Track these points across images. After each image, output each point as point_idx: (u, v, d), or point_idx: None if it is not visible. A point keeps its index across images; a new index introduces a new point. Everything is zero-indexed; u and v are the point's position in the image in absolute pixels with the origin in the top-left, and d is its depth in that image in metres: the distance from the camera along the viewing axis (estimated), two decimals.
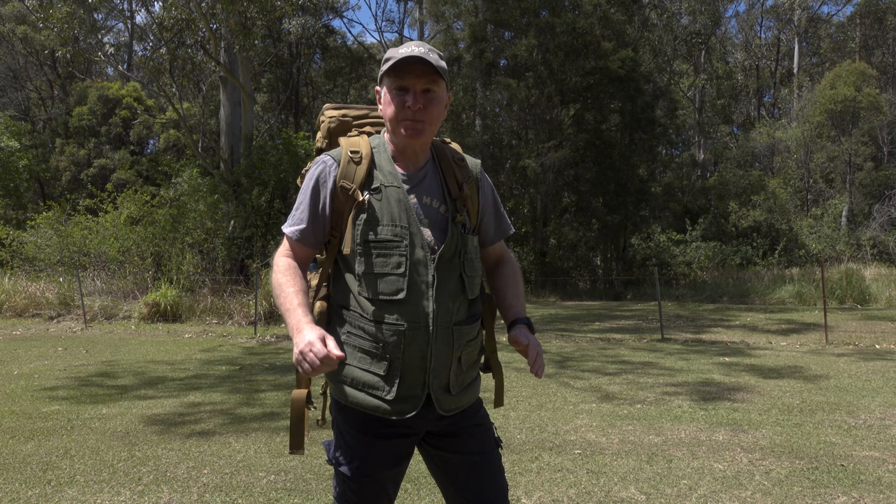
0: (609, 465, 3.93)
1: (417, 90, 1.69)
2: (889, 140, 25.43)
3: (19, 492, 3.53)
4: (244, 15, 12.97)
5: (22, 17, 26.81)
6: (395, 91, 1.70)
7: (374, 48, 32.42)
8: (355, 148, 1.76)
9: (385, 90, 1.74)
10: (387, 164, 1.75)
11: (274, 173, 14.04)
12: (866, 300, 14.81)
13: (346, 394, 1.73)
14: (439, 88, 1.72)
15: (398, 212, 1.68)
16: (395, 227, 1.67)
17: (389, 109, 1.72)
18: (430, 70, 1.68)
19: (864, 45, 32.81)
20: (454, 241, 1.71)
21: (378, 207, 1.69)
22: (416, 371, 1.67)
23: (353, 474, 1.72)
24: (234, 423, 5.00)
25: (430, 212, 1.72)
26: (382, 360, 1.67)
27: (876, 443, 4.35)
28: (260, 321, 11.26)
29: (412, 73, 1.68)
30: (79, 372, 7.15)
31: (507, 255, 1.97)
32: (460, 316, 1.72)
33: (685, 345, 9.25)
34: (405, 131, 1.70)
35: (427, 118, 1.70)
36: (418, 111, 1.68)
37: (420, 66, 1.67)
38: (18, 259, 15.00)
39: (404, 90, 1.69)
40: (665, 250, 21.47)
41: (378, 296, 1.66)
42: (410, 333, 1.65)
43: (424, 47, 1.69)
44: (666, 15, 27.19)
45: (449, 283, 1.69)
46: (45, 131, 28.06)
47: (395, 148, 1.77)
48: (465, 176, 1.81)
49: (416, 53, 1.66)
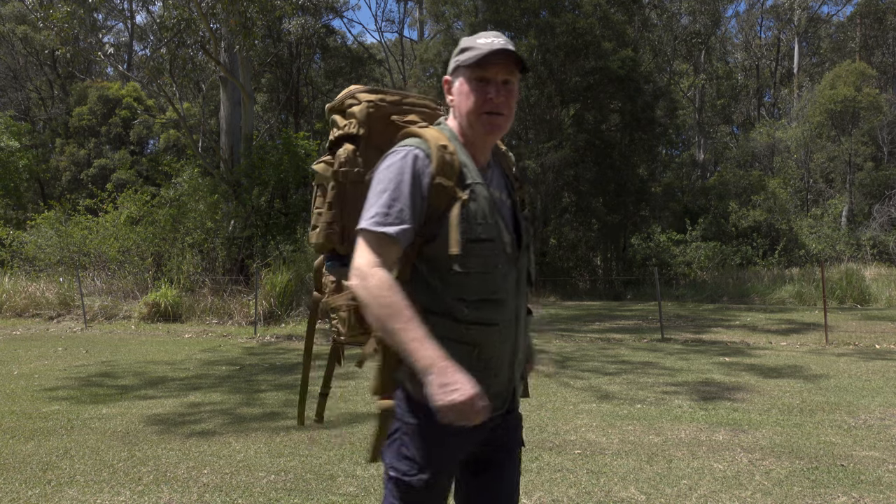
0: (609, 465, 3.93)
1: (499, 81, 1.63)
2: (889, 140, 25.42)
3: (19, 492, 3.53)
4: (244, 15, 12.96)
5: (22, 17, 26.79)
6: (475, 82, 1.63)
7: (374, 48, 32.43)
8: (443, 142, 1.64)
9: (461, 81, 1.66)
10: (468, 159, 1.67)
11: (274, 173, 14.04)
12: (866, 300, 14.80)
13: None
14: (517, 80, 1.67)
15: (488, 209, 1.63)
16: (487, 224, 1.61)
17: (468, 101, 1.64)
18: (514, 60, 1.62)
19: (864, 45, 32.79)
20: (527, 234, 1.71)
21: (473, 205, 1.61)
22: (506, 367, 1.66)
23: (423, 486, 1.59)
24: (234, 423, 5.00)
25: (503, 207, 1.69)
26: (479, 361, 1.60)
27: (876, 443, 4.35)
28: (260, 321, 11.26)
29: (496, 65, 1.62)
30: (79, 372, 7.15)
31: None
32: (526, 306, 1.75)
33: (685, 345, 9.25)
34: (485, 126, 1.64)
35: (507, 111, 1.65)
36: (500, 104, 1.62)
37: (503, 57, 1.61)
38: (18, 259, 14.99)
39: (485, 81, 1.63)
40: (665, 250, 21.46)
41: (474, 297, 1.60)
42: (505, 331, 1.63)
43: (502, 38, 1.64)
44: (666, 15, 27.18)
45: (522, 277, 1.70)
46: (45, 131, 28.05)
47: (466, 141, 1.70)
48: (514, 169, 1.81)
49: (500, 46, 1.60)
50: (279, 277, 12.01)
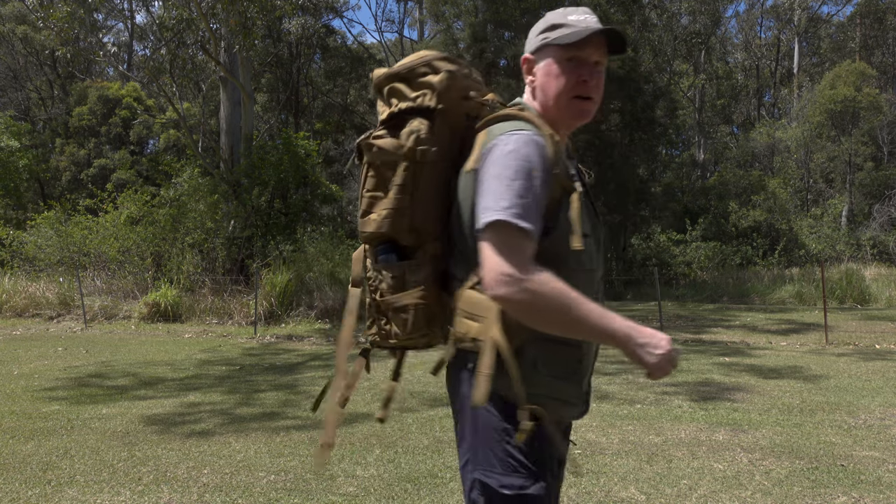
0: (609, 465, 3.93)
1: (591, 62, 1.49)
2: (889, 140, 25.42)
3: (19, 492, 3.53)
4: (244, 15, 12.96)
5: (22, 17, 26.79)
6: (566, 63, 1.48)
7: (375, 48, 32.42)
8: (549, 130, 1.46)
9: (550, 61, 1.50)
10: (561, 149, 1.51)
11: (274, 173, 14.04)
12: (866, 300, 14.80)
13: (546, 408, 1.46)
14: (605, 63, 1.53)
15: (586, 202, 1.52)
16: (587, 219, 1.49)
17: (557, 83, 1.48)
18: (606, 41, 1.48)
19: (864, 45, 32.79)
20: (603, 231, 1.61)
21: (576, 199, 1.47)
22: (590, 370, 1.58)
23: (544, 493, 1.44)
24: (234, 423, 5.01)
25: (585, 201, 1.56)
26: (579, 364, 1.51)
27: (876, 443, 4.35)
28: (260, 321, 11.26)
29: (591, 44, 1.47)
30: (79, 372, 7.15)
31: None
32: None
33: (685, 345, 9.25)
34: (575, 110, 1.50)
35: (598, 95, 1.51)
36: (593, 87, 1.49)
37: (598, 37, 1.47)
38: (18, 259, 14.98)
39: (578, 62, 1.48)
40: (665, 250, 21.47)
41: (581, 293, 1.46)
42: None
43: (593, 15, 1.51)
44: (666, 15, 27.16)
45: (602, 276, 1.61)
46: (45, 131, 28.04)
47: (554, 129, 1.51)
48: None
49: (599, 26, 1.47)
50: (279, 277, 12.01)
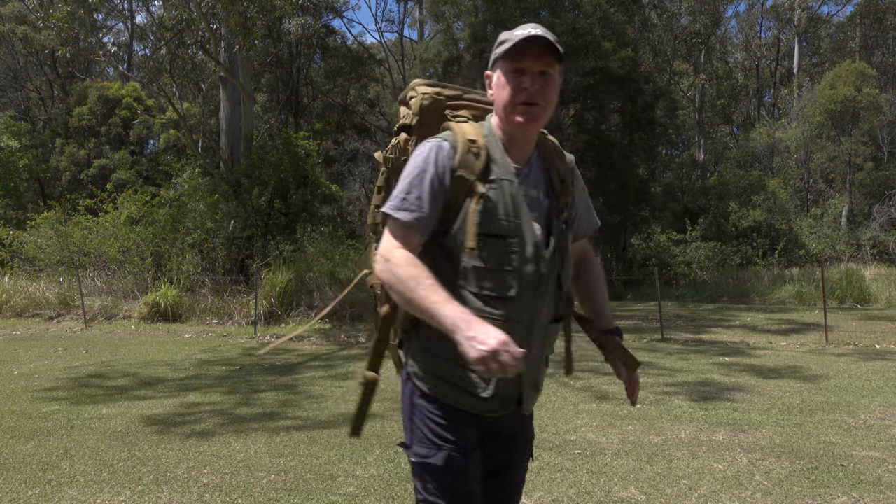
0: (609, 465, 3.93)
1: (535, 72, 1.61)
2: (889, 140, 25.41)
3: (19, 492, 3.53)
4: (244, 15, 12.95)
5: (22, 17, 26.78)
6: (510, 74, 1.62)
7: (375, 48, 32.42)
8: (472, 136, 1.66)
9: (498, 74, 1.66)
10: (500, 154, 1.66)
11: (274, 173, 14.04)
12: (866, 300, 14.80)
13: (439, 389, 1.66)
14: (556, 72, 1.64)
15: (512, 206, 1.62)
16: (510, 221, 1.61)
17: (504, 93, 1.63)
18: (549, 51, 1.60)
19: (864, 45, 32.79)
20: (557, 236, 1.67)
21: (494, 201, 1.61)
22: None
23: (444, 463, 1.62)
24: (233, 423, 5.00)
25: (537, 206, 1.66)
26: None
27: (876, 443, 4.35)
28: (260, 321, 11.26)
29: (530, 55, 1.60)
30: (79, 372, 7.15)
31: (590, 252, 1.91)
32: (553, 314, 1.71)
33: (685, 345, 9.25)
34: (521, 117, 1.62)
35: (544, 101, 1.62)
36: (535, 93, 1.60)
37: (538, 48, 1.59)
38: (18, 259, 14.98)
39: (520, 72, 1.61)
40: (665, 250, 21.47)
41: (485, 291, 1.60)
42: (513, 331, 1.57)
43: (541, 29, 1.61)
44: (666, 15, 27.17)
45: (550, 281, 1.65)
46: (45, 131, 28.03)
47: (505, 136, 1.69)
48: (565, 169, 1.75)
49: (535, 33, 1.58)
50: (279, 277, 12.01)
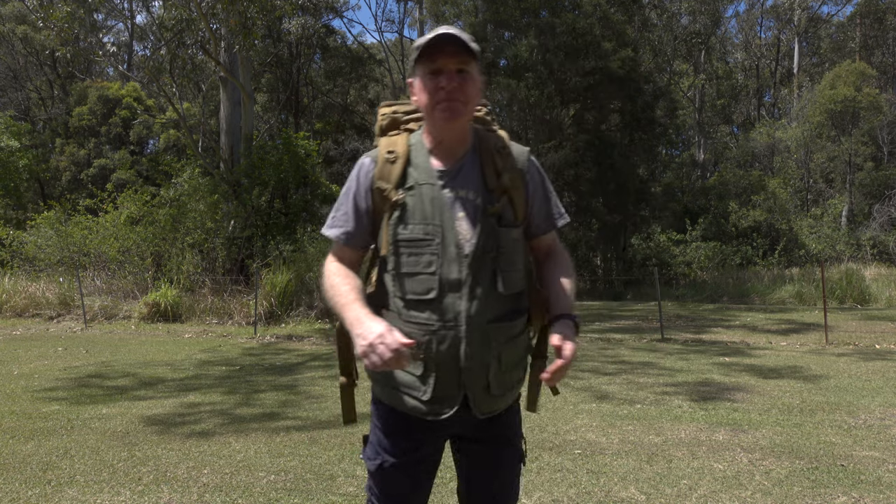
0: (609, 465, 3.93)
1: (451, 70, 1.62)
2: (889, 140, 25.42)
3: (19, 492, 3.53)
4: (244, 15, 12.95)
5: (22, 17, 26.79)
6: (428, 76, 1.64)
7: (374, 48, 32.43)
8: (391, 147, 1.73)
9: (417, 79, 1.68)
10: (423, 160, 1.70)
11: (274, 173, 14.04)
12: (866, 300, 14.80)
13: (383, 393, 1.73)
14: (473, 69, 1.66)
15: (431, 209, 1.64)
16: (427, 225, 1.63)
17: (423, 95, 1.66)
18: (462, 49, 1.62)
19: (864, 45, 32.79)
20: (485, 235, 1.65)
21: (411, 206, 1.65)
22: (451, 371, 1.63)
23: (375, 470, 1.74)
24: (233, 423, 5.00)
25: (467, 205, 1.66)
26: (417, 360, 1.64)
27: (876, 443, 4.35)
28: (260, 321, 11.26)
29: (444, 54, 1.62)
30: (79, 372, 7.15)
31: (555, 248, 1.88)
32: (496, 313, 1.66)
33: (685, 345, 9.25)
34: (441, 114, 1.63)
35: (463, 97, 1.63)
36: (453, 90, 1.61)
37: (451, 46, 1.61)
38: (18, 259, 14.98)
39: (437, 73, 1.63)
40: (665, 250, 21.47)
41: (408, 295, 1.64)
42: (442, 333, 1.61)
43: (454, 28, 1.64)
44: (666, 15, 27.18)
45: (482, 280, 1.63)
46: (45, 131, 28.04)
47: (433, 140, 1.71)
48: (506, 165, 1.72)
49: (445, 32, 1.61)
50: (279, 277, 12.01)
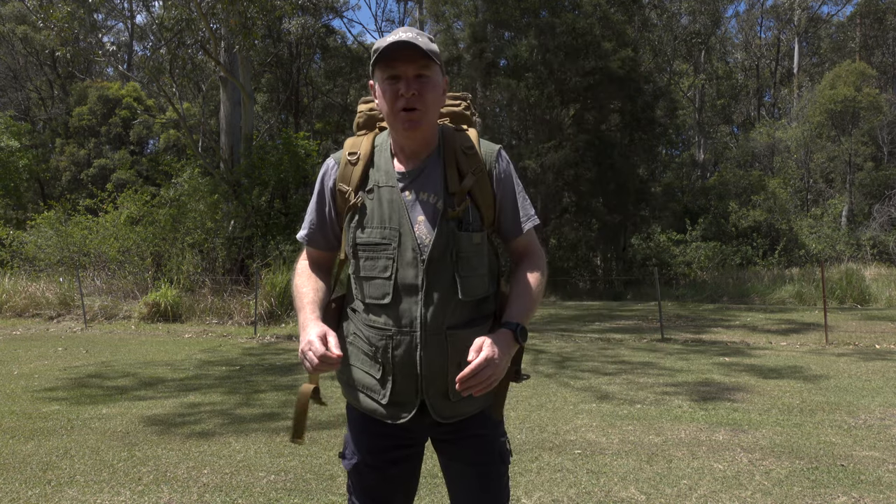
0: (609, 465, 3.93)
1: (410, 76, 1.57)
2: (889, 140, 25.42)
3: (19, 492, 3.53)
4: (244, 15, 12.96)
5: (22, 17, 26.78)
6: (387, 82, 1.58)
7: None
8: (354, 149, 1.71)
9: (377, 83, 1.62)
10: (385, 162, 1.67)
11: (274, 173, 14.04)
12: (866, 300, 14.79)
13: (348, 394, 1.76)
14: (433, 73, 1.59)
15: (389, 213, 1.61)
16: (385, 228, 1.61)
17: (383, 102, 1.61)
18: (421, 54, 1.55)
19: (864, 45, 32.79)
20: (444, 239, 1.59)
21: (370, 209, 1.63)
22: (408, 376, 1.60)
23: (351, 469, 1.76)
24: (233, 423, 5.00)
25: (427, 209, 1.61)
26: (376, 364, 1.64)
27: (876, 443, 4.35)
28: (260, 321, 11.26)
29: (401, 60, 1.55)
30: (79, 372, 7.15)
31: (529, 251, 1.77)
32: (455, 319, 1.60)
33: (685, 345, 9.25)
34: (402, 124, 1.59)
35: (422, 105, 1.57)
36: (412, 98, 1.56)
37: (409, 51, 1.54)
38: (18, 259, 14.98)
39: (396, 79, 1.57)
40: (665, 250, 21.47)
41: (367, 299, 1.64)
42: (398, 338, 1.59)
43: (413, 31, 1.57)
44: (666, 15, 27.19)
45: (440, 285, 1.58)
46: (45, 131, 28.04)
47: (396, 143, 1.68)
48: (471, 166, 1.65)
49: (403, 38, 1.53)
50: (279, 277, 12.01)
